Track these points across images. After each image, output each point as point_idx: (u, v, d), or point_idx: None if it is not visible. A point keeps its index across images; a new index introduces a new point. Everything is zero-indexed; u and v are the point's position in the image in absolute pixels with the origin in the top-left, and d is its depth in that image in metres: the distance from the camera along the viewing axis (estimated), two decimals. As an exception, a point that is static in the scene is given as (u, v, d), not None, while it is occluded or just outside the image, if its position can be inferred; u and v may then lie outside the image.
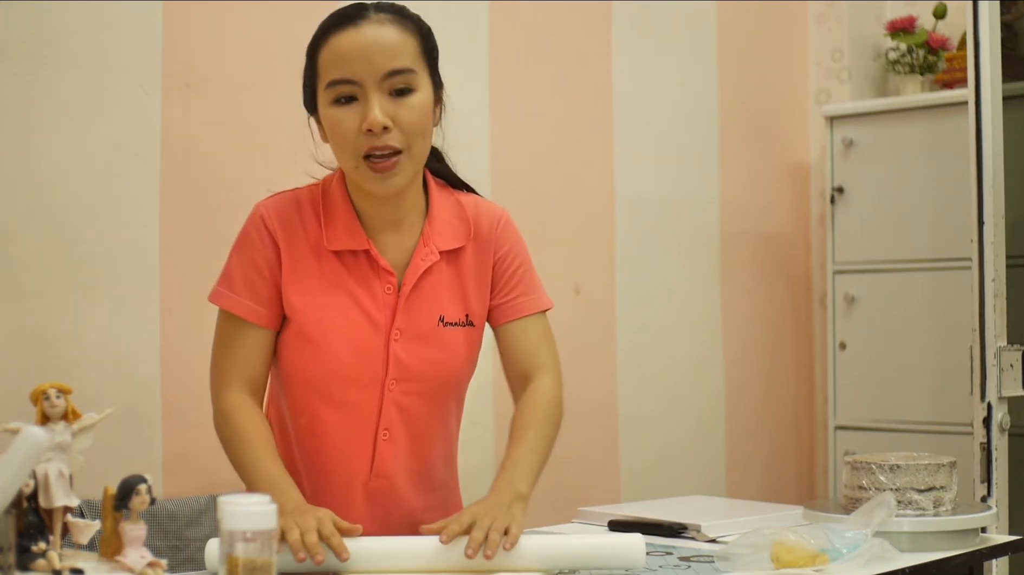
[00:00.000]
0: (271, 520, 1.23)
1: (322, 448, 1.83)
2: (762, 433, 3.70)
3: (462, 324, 1.86)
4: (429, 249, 1.83)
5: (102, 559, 1.32)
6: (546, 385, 1.91)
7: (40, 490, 1.29)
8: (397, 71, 1.73)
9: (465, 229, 1.87)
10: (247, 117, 2.56)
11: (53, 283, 2.29)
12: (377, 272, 1.81)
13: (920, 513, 1.84)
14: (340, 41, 1.74)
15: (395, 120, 1.73)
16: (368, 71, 1.72)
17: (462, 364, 1.88)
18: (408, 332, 1.81)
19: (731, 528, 1.95)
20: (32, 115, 2.27)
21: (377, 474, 1.83)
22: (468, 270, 1.87)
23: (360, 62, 1.72)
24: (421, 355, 1.82)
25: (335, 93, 1.74)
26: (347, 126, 1.73)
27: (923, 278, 3.50)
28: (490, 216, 1.90)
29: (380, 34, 1.74)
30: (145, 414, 2.40)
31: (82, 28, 2.33)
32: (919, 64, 3.72)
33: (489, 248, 1.89)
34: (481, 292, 1.89)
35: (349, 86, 1.73)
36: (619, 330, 3.29)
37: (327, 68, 1.75)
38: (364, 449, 1.83)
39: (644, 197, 3.38)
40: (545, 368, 1.93)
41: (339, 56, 1.74)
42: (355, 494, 1.84)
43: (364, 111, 1.72)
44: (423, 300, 1.82)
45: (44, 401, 1.32)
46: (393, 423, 1.82)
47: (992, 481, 2.67)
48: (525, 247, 1.95)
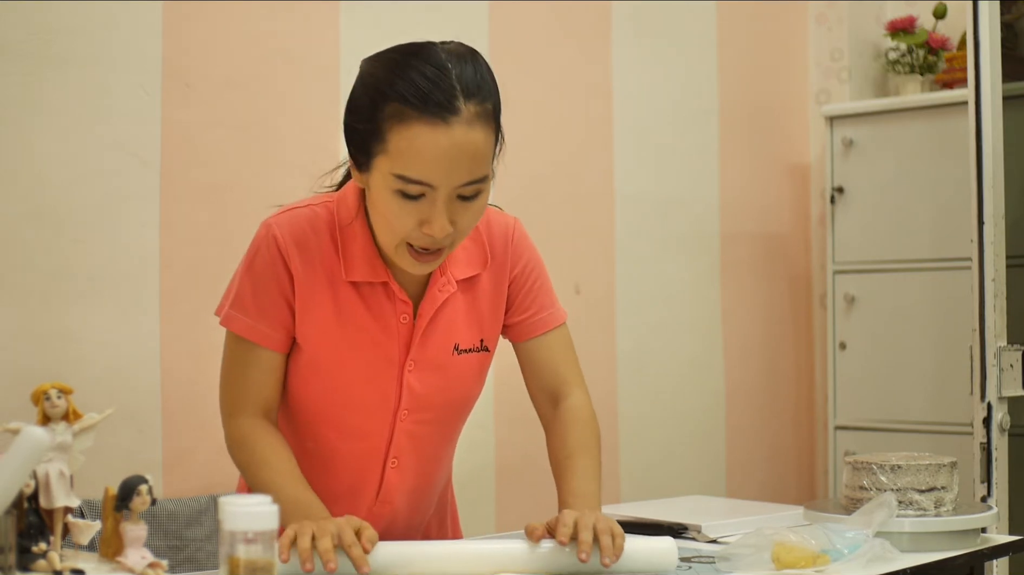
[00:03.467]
0: (272, 521, 1.23)
1: (328, 473, 1.79)
2: (762, 433, 3.70)
3: (476, 350, 1.81)
4: (446, 279, 1.76)
5: (102, 559, 1.32)
6: (579, 402, 1.85)
7: (41, 490, 1.29)
8: (475, 180, 1.60)
9: (481, 254, 1.81)
10: (247, 117, 2.56)
11: (53, 283, 2.29)
12: (393, 303, 1.74)
13: (921, 513, 1.83)
14: (425, 139, 1.56)
15: (454, 223, 1.61)
16: (447, 180, 1.57)
17: (473, 389, 1.84)
18: (422, 362, 1.76)
19: (731, 528, 1.95)
20: (32, 115, 2.27)
21: (382, 500, 1.82)
22: (484, 295, 1.82)
23: (441, 171, 1.57)
24: (434, 384, 1.78)
25: (402, 187, 1.58)
26: (405, 220, 1.60)
27: (923, 278, 3.50)
28: (503, 232, 1.84)
29: (469, 139, 1.58)
30: (145, 414, 2.40)
31: (82, 28, 2.33)
32: (919, 64, 3.72)
33: (504, 267, 1.83)
34: (496, 314, 1.84)
35: (420, 187, 1.58)
36: (619, 330, 3.29)
37: (401, 157, 1.57)
38: (372, 476, 1.80)
39: (644, 197, 3.38)
40: (573, 383, 1.87)
41: (420, 156, 1.56)
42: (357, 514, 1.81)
43: (428, 214, 1.59)
44: (439, 330, 1.77)
45: (45, 401, 1.31)
46: (403, 451, 1.79)
47: (992, 481, 2.67)
48: (539, 258, 1.89)
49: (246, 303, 1.72)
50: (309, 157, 2.65)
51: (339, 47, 2.69)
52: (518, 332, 1.87)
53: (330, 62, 2.69)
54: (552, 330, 1.86)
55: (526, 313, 1.85)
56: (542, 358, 1.86)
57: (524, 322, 1.86)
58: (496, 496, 2.97)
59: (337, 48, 2.69)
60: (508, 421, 2.95)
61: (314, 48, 2.69)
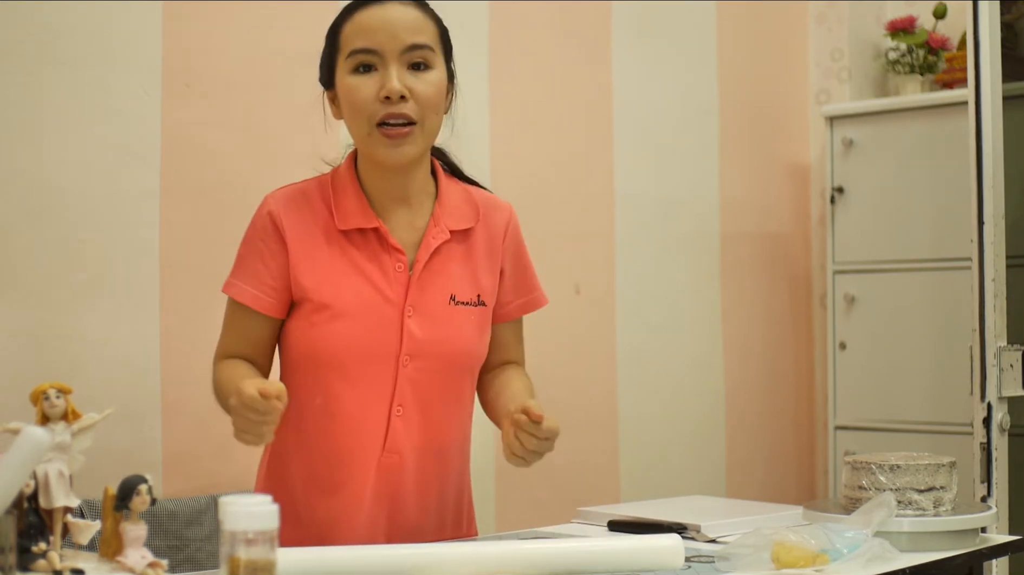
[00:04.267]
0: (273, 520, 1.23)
1: (336, 425, 1.85)
2: (762, 433, 3.70)
3: (473, 304, 1.89)
4: (440, 228, 1.87)
5: (102, 559, 1.32)
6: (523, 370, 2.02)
7: (40, 490, 1.29)
8: (417, 46, 1.80)
9: (474, 212, 1.92)
10: (247, 117, 2.57)
11: (53, 283, 2.29)
12: (387, 250, 1.84)
13: (920, 513, 1.84)
14: (364, 15, 1.82)
15: (411, 91, 1.79)
16: (389, 43, 1.79)
17: (473, 343, 1.91)
18: (421, 309, 1.84)
19: (731, 528, 1.95)
20: (32, 115, 2.27)
21: (390, 450, 1.85)
22: (478, 251, 1.91)
23: (382, 34, 1.79)
24: (434, 332, 1.85)
25: (355, 62, 1.81)
26: (365, 93, 1.79)
27: (923, 278, 3.50)
28: (500, 209, 1.96)
29: (403, 12, 1.82)
30: (145, 414, 2.40)
31: (82, 28, 2.33)
32: (919, 64, 3.72)
33: (499, 241, 1.94)
34: (491, 275, 1.93)
35: (369, 55, 1.79)
36: (619, 330, 3.29)
37: (349, 40, 1.82)
38: (378, 425, 1.85)
39: (644, 197, 3.38)
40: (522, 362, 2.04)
41: (362, 28, 1.81)
42: (368, 470, 1.85)
43: (382, 80, 1.79)
44: (434, 278, 1.86)
45: (44, 401, 1.31)
46: (407, 399, 1.85)
47: (992, 481, 2.67)
48: (525, 245, 2.02)
49: (239, 268, 1.88)
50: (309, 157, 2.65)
51: (339, 47, 2.69)
52: (500, 315, 1.98)
53: (330, 62, 2.68)
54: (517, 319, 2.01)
55: (505, 301, 1.97)
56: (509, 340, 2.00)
57: (509, 307, 1.98)
58: (496, 496, 2.97)
59: (337, 48, 2.69)
60: (508, 421, 2.95)
61: (314, 48, 2.69)
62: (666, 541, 1.63)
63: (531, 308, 2.01)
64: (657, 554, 1.62)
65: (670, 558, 1.62)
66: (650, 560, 1.61)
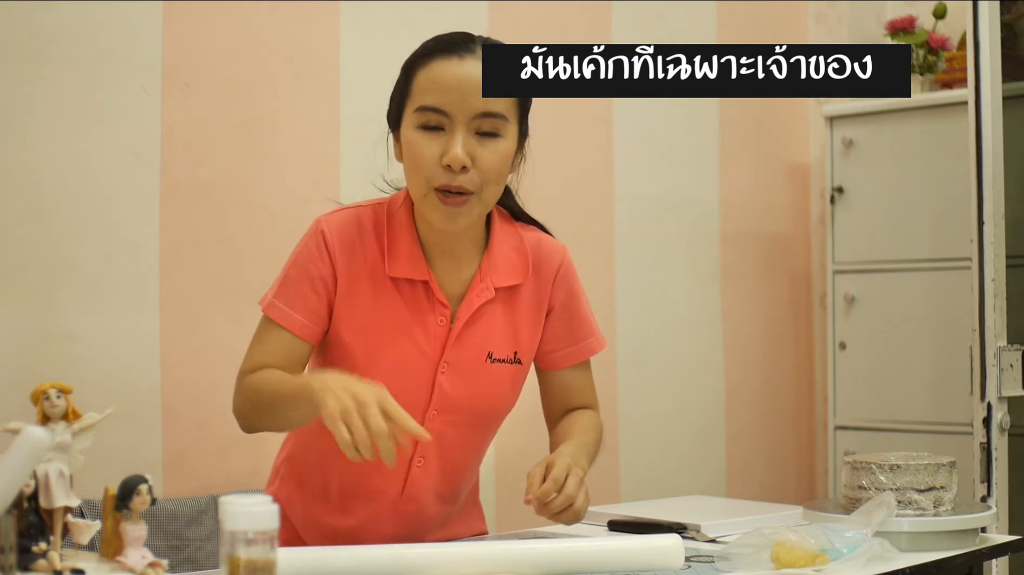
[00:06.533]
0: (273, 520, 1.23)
1: (355, 469, 1.78)
2: (762, 433, 3.70)
3: (510, 362, 1.84)
4: (485, 285, 1.81)
5: (103, 559, 1.32)
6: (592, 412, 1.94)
7: (40, 490, 1.29)
8: (489, 114, 1.70)
9: (524, 266, 1.85)
10: (247, 117, 2.56)
11: (53, 283, 2.29)
12: (432, 304, 1.79)
13: (920, 513, 1.84)
14: (441, 68, 1.70)
15: (475, 161, 1.70)
16: (461, 107, 1.69)
17: (505, 400, 1.87)
18: (456, 366, 1.80)
19: (731, 528, 1.95)
20: (32, 115, 2.27)
21: (407, 498, 1.84)
22: (523, 308, 1.86)
23: (455, 95, 1.69)
24: (466, 389, 1.81)
25: (423, 119, 1.70)
26: (427, 154, 1.70)
27: (923, 278, 3.50)
28: (551, 255, 1.89)
29: (480, 71, 1.70)
30: (145, 414, 2.40)
31: (82, 28, 2.33)
32: (919, 64, 3.72)
33: (547, 289, 1.88)
34: (533, 331, 1.87)
35: (438, 115, 1.69)
36: (619, 330, 3.29)
37: (421, 91, 1.71)
38: (398, 474, 1.82)
39: (644, 197, 3.38)
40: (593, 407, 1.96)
41: (436, 83, 1.70)
42: (383, 513, 1.84)
43: (447, 145, 1.69)
44: (474, 335, 1.81)
45: (44, 401, 1.31)
46: (429, 451, 1.82)
47: (992, 481, 2.67)
48: (582, 288, 1.94)
49: (283, 290, 1.78)
50: (309, 157, 2.65)
51: (339, 47, 2.69)
52: (550, 362, 1.91)
53: (330, 62, 2.69)
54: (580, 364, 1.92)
55: (560, 345, 1.90)
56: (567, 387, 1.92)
57: (556, 353, 1.90)
58: (496, 497, 2.97)
59: (337, 48, 2.69)
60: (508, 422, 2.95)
61: (314, 48, 2.69)
62: (666, 541, 1.63)
63: (582, 357, 1.93)
64: (657, 554, 1.62)
65: (670, 558, 1.62)
66: (650, 560, 1.61)
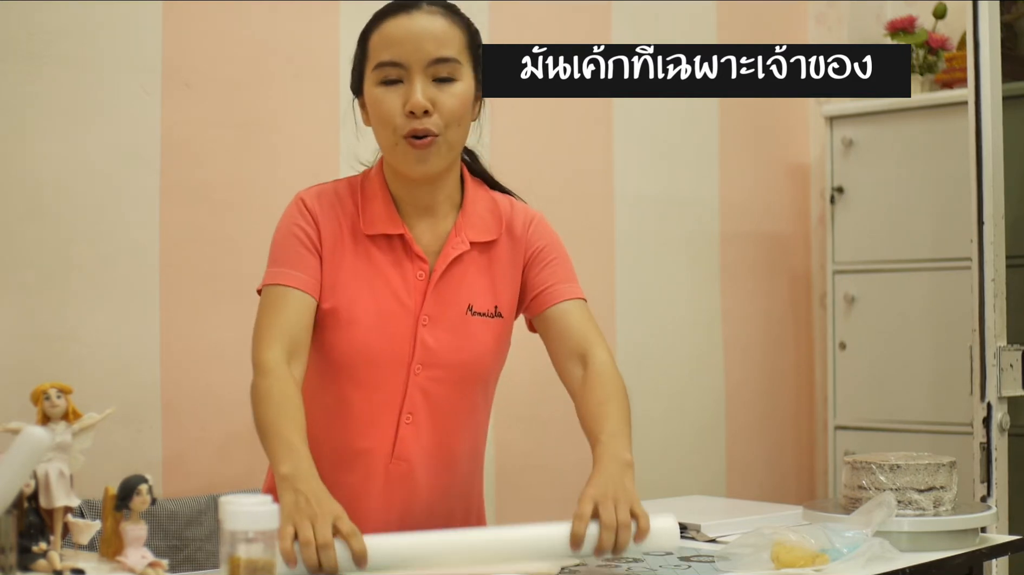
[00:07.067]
0: (273, 520, 1.23)
1: (346, 428, 1.85)
2: (762, 433, 3.70)
3: (490, 315, 1.88)
4: (460, 239, 1.87)
5: (103, 559, 1.32)
6: (603, 359, 1.87)
7: (41, 490, 1.29)
8: (442, 59, 1.79)
9: (497, 224, 1.91)
10: (247, 117, 2.57)
11: (53, 283, 2.29)
12: (410, 257, 1.85)
13: (920, 513, 1.84)
14: (391, 26, 1.81)
15: (435, 105, 1.78)
16: (415, 55, 1.78)
17: (488, 354, 1.89)
18: (436, 318, 1.84)
19: (731, 528, 1.95)
20: (32, 115, 2.27)
21: (398, 457, 1.85)
22: (500, 263, 1.91)
23: (408, 46, 1.79)
24: (447, 342, 1.84)
25: (382, 74, 1.80)
26: (390, 106, 1.79)
27: (923, 278, 3.50)
28: (524, 216, 1.95)
29: (430, 23, 1.80)
30: (145, 414, 2.40)
31: (82, 28, 2.33)
32: (919, 64, 3.72)
33: (521, 246, 1.93)
34: (512, 286, 1.91)
35: (396, 68, 1.79)
36: (619, 330, 3.29)
37: (376, 50, 1.81)
38: (387, 431, 1.84)
39: (644, 197, 3.38)
40: (597, 343, 1.89)
41: (389, 40, 1.80)
42: (375, 476, 1.85)
43: (407, 93, 1.78)
44: (452, 288, 1.86)
45: (44, 401, 1.32)
46: (417, 407, 1.84)
47: (992, 481, 2.67)
48: (561, 244, 1.97)
49: (276, 259, 1.84)
50: (309, 157, 2.65)
51: (339, 47, 2.69)
52: (540, 302, 1.92)
53: (330, 62, 2.69)
54: (572, 299, 1.92)
55: (546, 284, 1.92)
56: (567, 322, 1.90)
57: (544, 291, 1.92)
58: (496, 496, 2.97)
59: (337, 48, 2.69)
60: (508, 422, 2.95)
61: (314, 48, 2.69)
62: (661, 522, 1.64)
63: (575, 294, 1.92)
64: (653, 534, 1.63)
65: (666, 538, 1.63)
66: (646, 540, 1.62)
